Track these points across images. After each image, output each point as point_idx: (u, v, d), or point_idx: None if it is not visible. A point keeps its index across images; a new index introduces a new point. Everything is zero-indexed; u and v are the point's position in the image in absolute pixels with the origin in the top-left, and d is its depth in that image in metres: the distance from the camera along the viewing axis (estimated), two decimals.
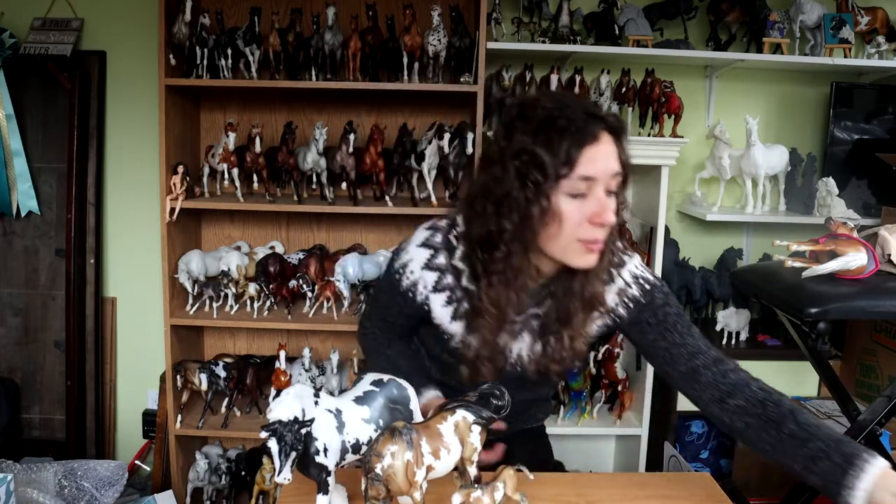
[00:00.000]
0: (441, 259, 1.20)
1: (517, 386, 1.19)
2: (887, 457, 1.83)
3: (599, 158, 1.05)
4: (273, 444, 0.88)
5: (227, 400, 2.40)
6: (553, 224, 1.07)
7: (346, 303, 2.33)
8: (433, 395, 1.25)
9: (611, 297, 1.21)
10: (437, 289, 1.21)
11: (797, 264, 1.69)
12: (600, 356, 2.41)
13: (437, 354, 1.32)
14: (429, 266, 1.20)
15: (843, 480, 0.97)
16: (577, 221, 1.06)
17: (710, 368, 1.15)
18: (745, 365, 2.65)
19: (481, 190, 1.12)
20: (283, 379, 2.28)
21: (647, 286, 1.21)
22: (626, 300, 1.21)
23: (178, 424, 2.37)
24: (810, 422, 1.05)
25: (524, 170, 1.05)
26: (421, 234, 1.23)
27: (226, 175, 2.30)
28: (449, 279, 1.20)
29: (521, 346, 1.24)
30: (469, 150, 2.19)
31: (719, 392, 1.14)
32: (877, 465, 0.96)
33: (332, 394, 2.04)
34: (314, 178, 2.32)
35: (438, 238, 1.21)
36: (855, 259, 1.63)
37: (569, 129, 1.03)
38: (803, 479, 1.03)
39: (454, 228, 1.21)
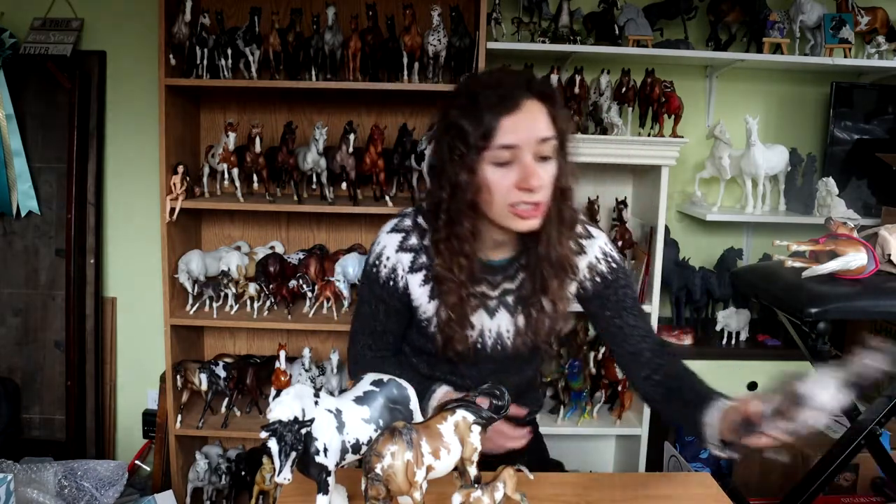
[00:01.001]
0: (413, 240, 1.24)
1: (501, 368, 1.28)
2: (887, 457, 1.84)
3: (520, 127, 1.09)
4: (273, 444, 0.88)
5: (227, 400, 2.40)
6: (483, 193, 1.13)
7: (346, 303, 2.33)
8: (445, 390, 1.26)
9: (582, 266, 1.26)
10: (413, 269, 1.25)
11: (797, 264, 1.69)
12: (600, 356, 2.41)
13: (422, 346, 1.34)
14: (402, 248, 1.25)
15: (698, 418, 1.10)
16: (505, 189, 1.11)
17: (654, 351, 1.27)
18: (745, 365, 2.66)
19: (429, 166, 1.22)
20: (283, 379, 2.28)
21: (615, 265, 1.28)
22: (594, 274, 1.27)
23: (178, 424, 2.37)
24: (699, 388, 1.17)
25: (452, 143, 1.12)
26: (389, 222, 1.28)
27: (226, 175, 2.30)
28: (423, 258, 1.24)
29: (500, 324, 1.27)
30: None
31: (650, 370, 1.26)
32: (724, 403, 1.08)
33: (332, 394, 2.04)
34: (314, 178, 2.32)
35: (407, 221, 1.26)
36: (855, 259, 1.63)
37: (489, 100, 1.09)
38: (689, 433, 1.17)
39: (422, 212, 1.26)
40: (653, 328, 1.31)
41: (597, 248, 1.27)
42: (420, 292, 1.25)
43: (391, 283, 1.26)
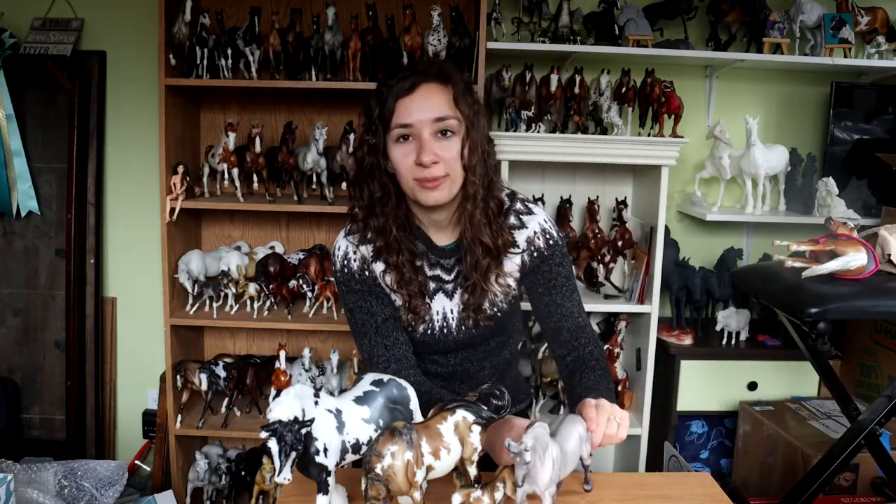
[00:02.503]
0: (369, 234, 1.31)
1: (468, 354, 1.37)
2: (887, 457, 1.84)
3: (414, 108, 1.20)
4: (273, 444, 0.88)
5: (227, 400, 2.40)
6: (391, 167, 1.24)
7: None
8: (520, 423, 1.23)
9: (522, 240, 1.32)
10: (376, 258, 1.31)
11: (797, 264, 1.69)
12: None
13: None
14: (362, 241, 1.31)
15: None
16: (408, 165, 1.21)
17: (571, 332, 1.34)
18: (745, 365, 2.66)
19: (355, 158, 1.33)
20: (283, 379, 2.28)
21: (552, 241, 1.33)
22: (532, 249, 1.32)
23: (178, 424, 2.37)
24: (589, 383, 1.25)
25: (369, 125, 1.26)
26: (340, 232, 1.36)
27: (226, 175, 2.30)
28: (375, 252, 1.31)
29: (443, 307, 1.33)
30: None
31: (566, 350, 1.34)
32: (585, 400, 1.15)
33: (332, 394, 2.05)
34: (314, 178, 2.32)
35: (354, 224, 1.33)
36: (855, 259, 1.63)
37: (390, 86, 1.22)
38: None
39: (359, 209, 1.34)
40: (581, 311, 1.37)
41: (535, 224, 1.32)
42: (387, 281, 1.32)
43: (366, 272, 1.32)
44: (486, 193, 1.27)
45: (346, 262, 1.32)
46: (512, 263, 1.33)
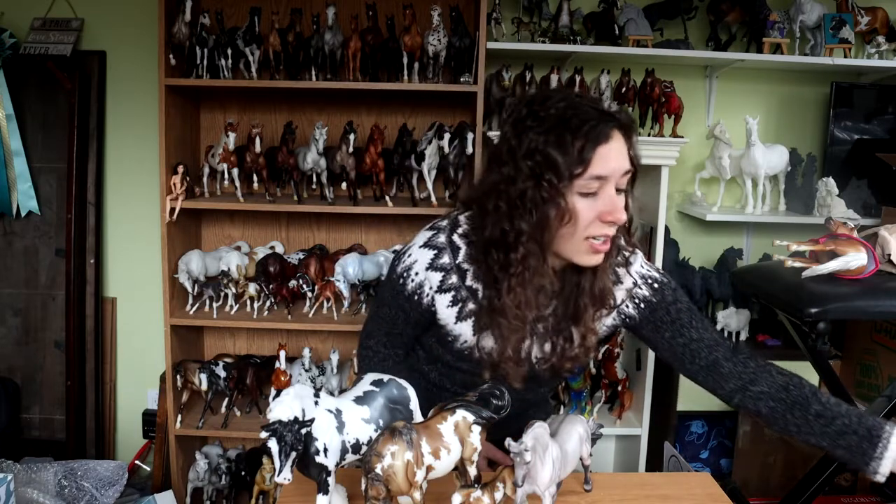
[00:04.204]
0: (445, 259, 1.19)
1: (523, 387, 1.21)
2: None
3: (612, 157, 1.06)
4: (273, 444, 0.88)
5: (227, 400, 2.40)
6: (568, 223, 1.07)
7: (346, 303, 2.33)
8: None
9: (620, 296, 1.21)
10: (441, 289, 1.19)
11: (797, 264, 1.69)
12: (600, 356, 2.41)
13: (440, 356, 1.30)
14: (433, 266, 1.19)
15: (868, 451, 1.07)
16: (588, 220, 1.07)
17: (730, 360, 1.19)
18: None
19: (493, 190, 1.11)
20: (283, 379, 2.28)
21: (656, 285, 1.22)
22: (636, 300, 1.22)
23: (178, 424, 2.37)
24: (831, 401, 1.12)
25: (538, 170, 1.05)
26: (423, 235, 1.22)
27: (226, 175, 2.30)
28: (454, 279, 1.19)
29: (531, 349, 1.22)
30: (469, 150, 2.19)
31: (741, 381, 1.18)
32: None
33: (332, 394, 2.05)
34: (314, 178, 2.32)
35: (441, 238, 1.20)
36: (855, 259, 1.63)
37: (581, 129, 1.04)
38: (831, 454, 1.12)
39: (457, 228, 1.20)
40: (720, 335, 1.25)
41: (634, 273, 1.22)
42: (448, 313, 1.21)
43: (416, 297, 1.21)
44: (618, 246, 1.18)
45: (406, 273, 1.21)
46: (602, 324, 1.23)
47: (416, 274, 1.20)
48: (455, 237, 1.19)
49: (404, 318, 1.26)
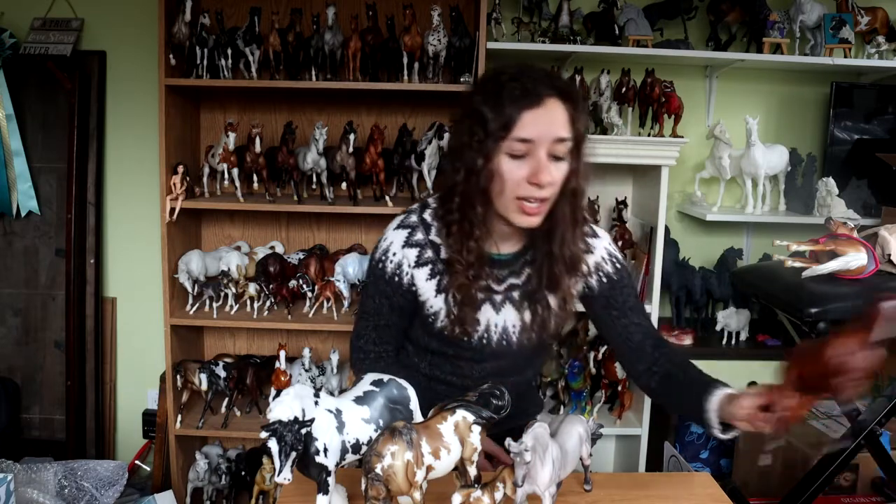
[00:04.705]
0: (419, 235, 1.26)
1: (503, 367, 1.31)
2: (887, 457, 1.84)
3: (540, 122, 1.11)
4: (273, 444, 0.88)
5: (227, 400, 2.40)
6: (496, 182, 1.14)
7: (346, 303, 2.33)
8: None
9: (588, 266, 1.28)
10: (419, 263, 1.26)
11: (797, 264, 1.69)
12: (600, 356, 2.41)
13: (426, 345, 1.34)
14: (408, 243, 1.26)
15: (701, 405, 1.15)
16: (515, 181, 1.13)
17: (654, 346, 1.31)
18: (744, 365, 2.66)
19: (447, 149, 1.28)
20: (283, 379, 2.28)
21: (619, 266, 1.31)
22: (600, 274, 1.30)
23: (178, 424, 2.37)
24: (696, 375, 1.23)
25: (473, 128, 1.14)
26: (396, 219, 1.30)
27: (226, 175, 2.29)
28: (429, 253, 1.26)
29: (506, 319, 1.28)
30: None
31: (649, 362, 1.31)
32: (723, 391, 1.14)
33: (332, 394, 2.05)
34: (314, 178, 2.32)
35: (413, 218, 1.28)
36: (855, 259, 1.63)
37: (514, 93, 1.11)
38: (690, 419, 1.24)
39: (427, 209, 1.28)
40: (653, 324, 1.36)
41: (602, 249, 1.30)
42: (426, 287, 1.27)
43: (396, 278, 1.27)
44: (582, 216, 1.24)
45: (384, 256, 1.28)
46: (577, 287, 1.29)
47: (394, 254, 1.27)
48: (426, 215, 1.28)
49: (389, 306, 1.31)
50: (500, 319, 1.28)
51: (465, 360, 1.33)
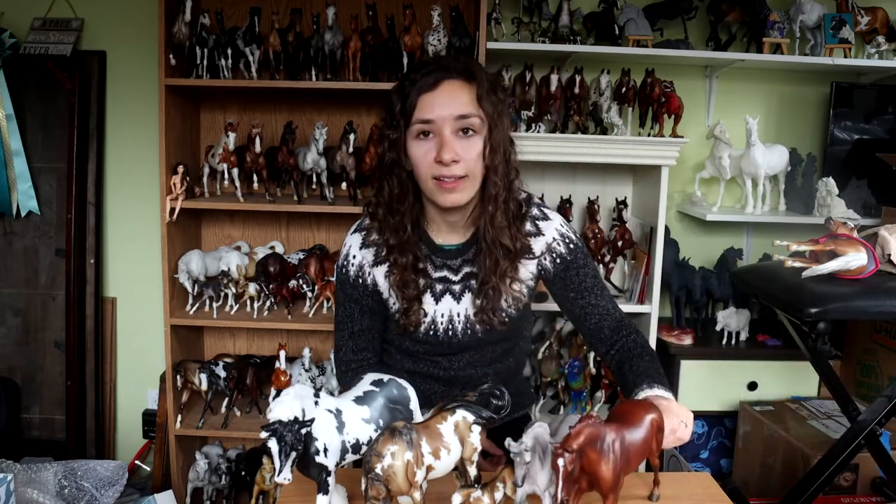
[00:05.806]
0: (374, 235, 1.32)
1: (475, 357, 1.35)
2: (887, 457, 1.84)
3: (437, 104, 1.19)
4: (273, 444, 0.88)
5: (227, 400, 2.39)
6: (412, 165, 1.23)
7: None
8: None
9: (539, 248, 1.32)
10: (376, 262, 1.32)
11: (797, 264, 1.69)
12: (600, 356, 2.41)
13: (400, 345, 1.39)
14: (365, 244, 1.33)
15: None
16: (427, 162, 1.20)
17: (612, 328, 1.34)
18: (744, 365, 2.66)
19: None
20: (283, 379, 2.28)
21: (572, 245, 1.33)
22: (554, 255, 1.32)
23: (178, 424, 2.37)
24: (640, 369, 1.24)
25: (388, 120, 1.25)
26: (353, 225, 1.37)
27: (226, 175, 2.29)
28: (385, 251, 1.31)
29: (467, 308, 1.32)
30: None
31: (607, 345, 1.34)
32: (648, 392, 1.17)
33: (332, 394, 2.04)
34: (314, 178, 2.32)
35: (367, 221, 1.34)
36: (855, 259, 1.63)
37: (415, 80, 1.20)
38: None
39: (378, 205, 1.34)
40: (615, 306, 1.37)
41: (553, 230, 1.32)
42: (386, 284, 1.32)
43: (360, 280, 1.34)
44: (507, 195, 1.26)
45: (346, 261, 1.35)
46: (526, 270, 1.32)
47: (354, 257, 1.34)
48: (379, 213, 1.32)
49: (359, 310, 1.36)
50: (462, 309, 1.32)
51: (442, 356, 1.36)
